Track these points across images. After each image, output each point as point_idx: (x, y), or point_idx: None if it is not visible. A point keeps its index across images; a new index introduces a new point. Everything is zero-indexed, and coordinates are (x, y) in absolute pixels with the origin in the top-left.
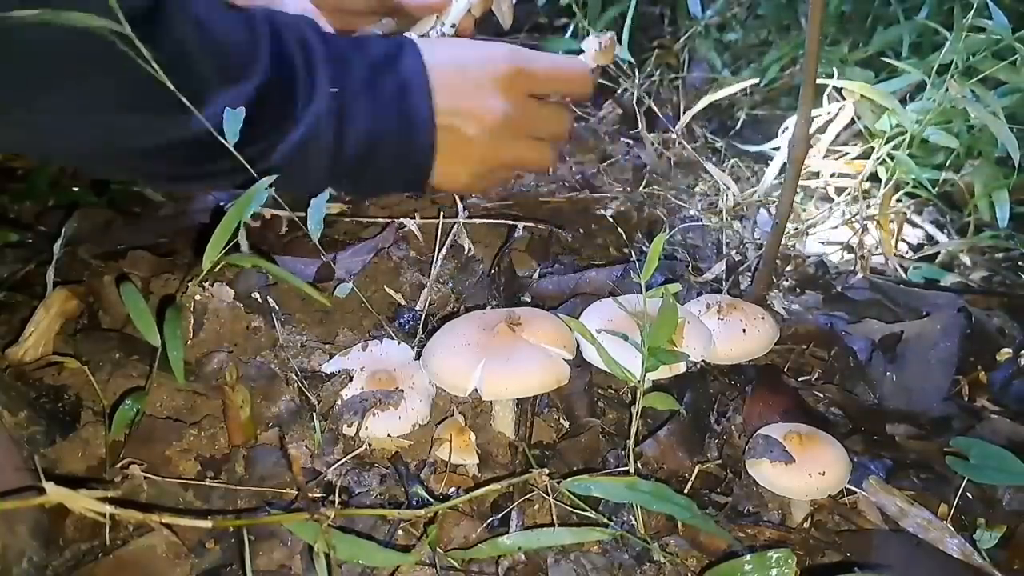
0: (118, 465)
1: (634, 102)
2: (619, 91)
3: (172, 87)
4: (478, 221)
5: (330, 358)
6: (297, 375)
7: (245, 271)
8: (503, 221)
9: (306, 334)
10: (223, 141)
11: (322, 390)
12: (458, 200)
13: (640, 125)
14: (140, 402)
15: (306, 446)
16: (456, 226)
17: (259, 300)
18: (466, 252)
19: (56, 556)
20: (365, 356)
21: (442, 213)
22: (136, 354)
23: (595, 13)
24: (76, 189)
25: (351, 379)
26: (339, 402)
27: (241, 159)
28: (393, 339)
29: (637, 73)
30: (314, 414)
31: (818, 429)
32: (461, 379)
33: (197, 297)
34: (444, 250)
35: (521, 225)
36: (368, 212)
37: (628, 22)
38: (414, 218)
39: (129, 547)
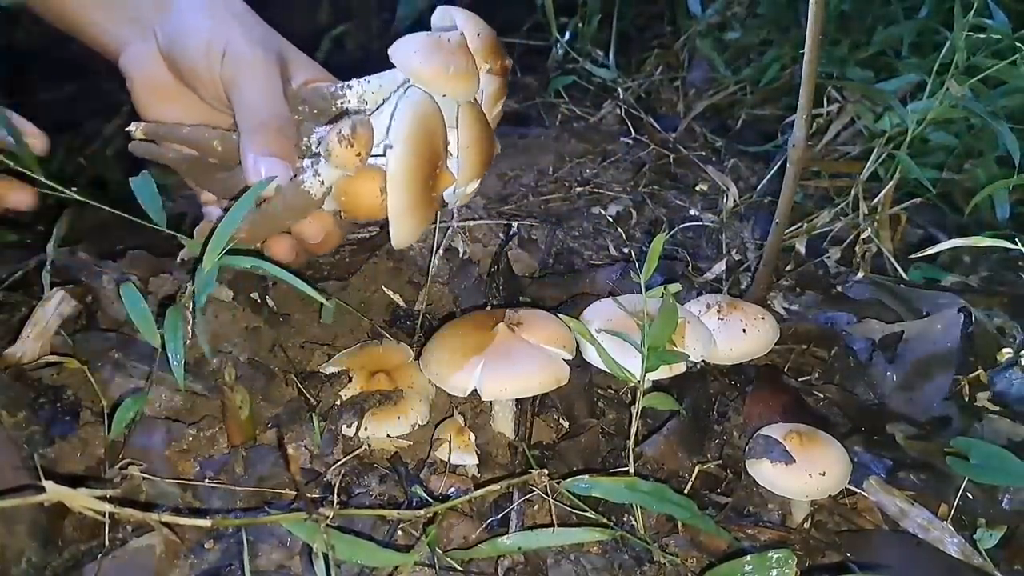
0: (117, 465)
1: (634, 102)
2: (619, 91)
3: None
4: (473, 223)
5: (329, 358)
6: (296, 375)
7: (244, 272)
8: (499, 222)
9: (305, 334)
10: None
11: (321, 391)
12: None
13: (640, 125)
14: (139, 403)
15: (305, 446)
16: (450, 228)
17: (258, 301)
18: (461, 254)
19: (55, 556)
20: (364, 356)
21: (438, 214)
22: (135, 354)
23: (595, 8)
24: (75, 189)
25: (350, 380)
26: (338, 403)
27: None
28: (392, 340)
29: (638, 72)
30: (313, 415)
31: (818, 429)
32: (460, 379)
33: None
34: (440, 251)
35: (516, 224)
36: None
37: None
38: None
39: (128, 547)
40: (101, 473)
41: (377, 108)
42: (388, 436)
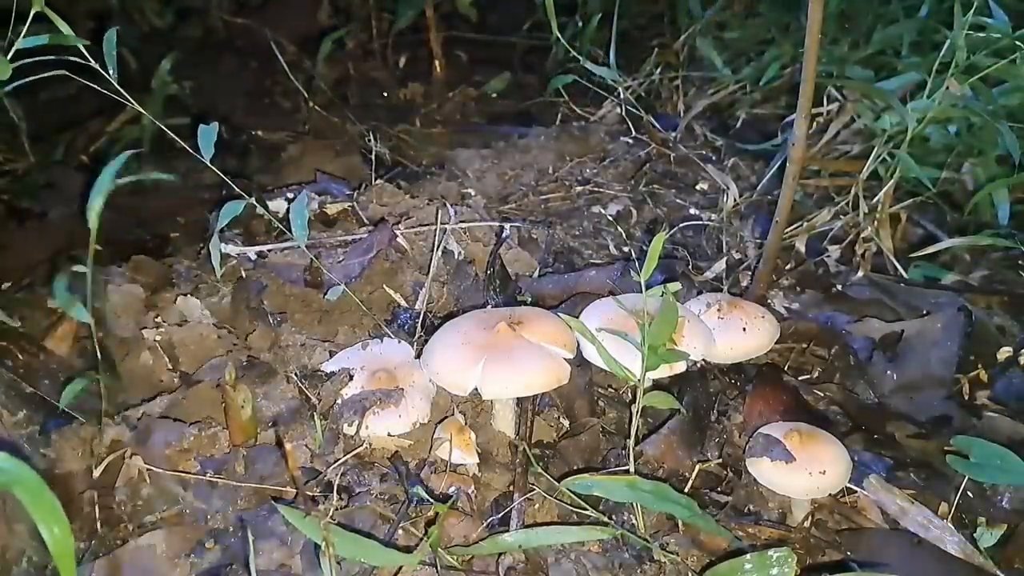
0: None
1: (634, 101)
2: (619, 90)
3: None
4: (466, 225)
5: (331, 355)
6: (297, 375)
7: (242, 281)
8: (494, 223)
9: (306, 334)
10: None
11: (322, 389)
12: (448, 205)
13: (640, 124)
14: (86, 382)
15: (306, 445)
16: (446, 231)
17: (256, 306)
18: (456, 256)
19: None
20: (365, 355)
21: (438, 211)
22: None
23: (595, 8)
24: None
25: (351, 378)
26: (339, 401)
27: None
28: (393, 338)
29: (637, 72)
30: (315, 414)
31: (818, 428)
32: (461, 378)
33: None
34: (439, 252)
35: (508, 227)
36: (368, 212)
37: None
38: (401, 223)
39: (129, 547)
40: (101, 472)
41: None
42: (388, 435)
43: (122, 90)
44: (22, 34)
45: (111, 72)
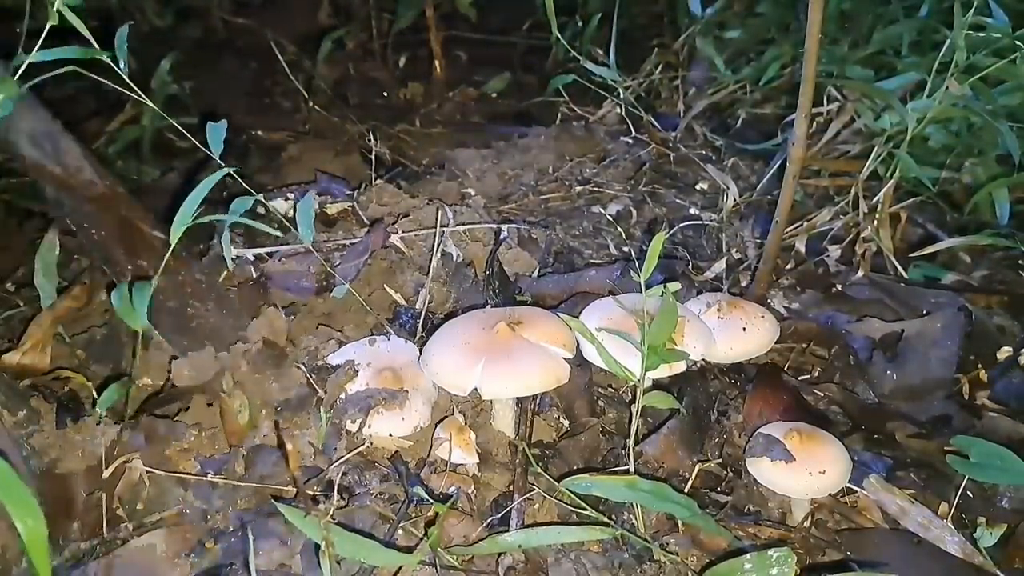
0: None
1: (634, 101)
2: (619, 90)
3: None
4: (464, 227)
5: (340, 345)
6: (305, 364)
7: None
8: (492, 225)
9: (314, 326)
10: None
11: (327, 383)
12: (446, 207)
13: (640, 124)
14: (123, 389)
15: (309, 441)
16: (444, 233)
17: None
18: (455, 258)
19: (56, 556)
20: (372, 351)
21: (438, 212)
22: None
23: (595, 7)
24: None
25: (356, 373)
26: (343, 396)
27: None
28: (398, 337)
29: (637, 72)
30: (320, 409)
31: (818, 428)
32: (461, 378)
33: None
34: (438, 254)
35: (506, 228)
36: (368, 212)
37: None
38: (399, 224)
39: (129, 547)
40: (102, 471)
41: None
42: (390, 435)
43: (133, 85)
44: (37, 45)
45: (121, 66)
